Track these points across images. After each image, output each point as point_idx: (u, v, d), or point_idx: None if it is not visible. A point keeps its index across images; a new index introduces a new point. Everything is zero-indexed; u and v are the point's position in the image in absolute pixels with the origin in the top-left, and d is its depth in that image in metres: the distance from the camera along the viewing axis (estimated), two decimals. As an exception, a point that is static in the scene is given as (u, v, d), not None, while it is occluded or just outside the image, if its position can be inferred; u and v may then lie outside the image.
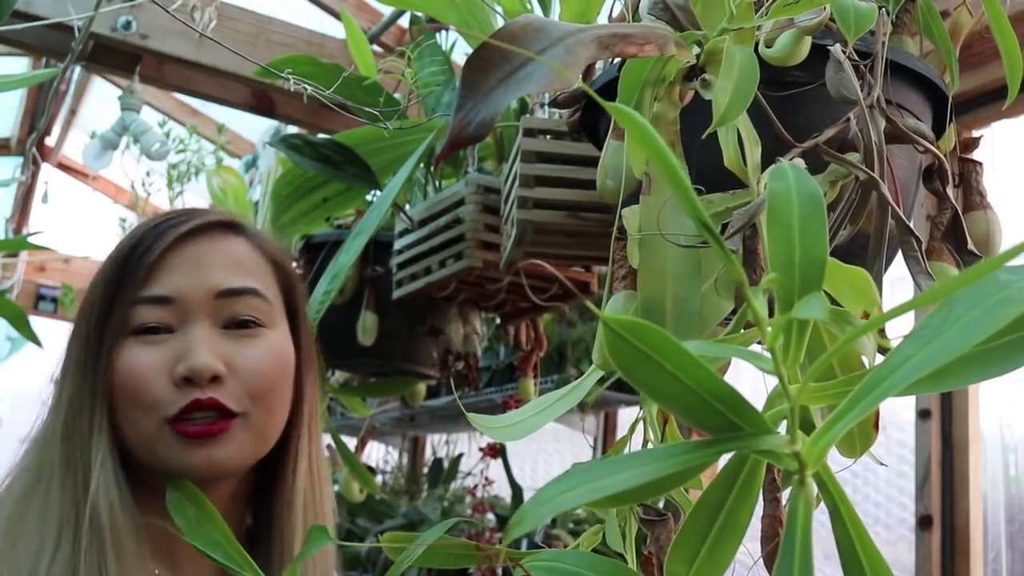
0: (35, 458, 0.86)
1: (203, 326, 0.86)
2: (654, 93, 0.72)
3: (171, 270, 0.87)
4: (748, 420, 0.38)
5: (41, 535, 0.80)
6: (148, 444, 0.84)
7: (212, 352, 0.85)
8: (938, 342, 0.34)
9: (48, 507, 0.81)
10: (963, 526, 1.88)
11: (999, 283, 0.35)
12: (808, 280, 0.40)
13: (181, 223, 0.89)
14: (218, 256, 0.90)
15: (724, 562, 0.46)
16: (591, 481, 0.34)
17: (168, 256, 0.88)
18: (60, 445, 0.84)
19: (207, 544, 0.77)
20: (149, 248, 0.87)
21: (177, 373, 0.84)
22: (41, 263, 5.53)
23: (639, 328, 0.34)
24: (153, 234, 0.88)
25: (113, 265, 0.88)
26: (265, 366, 0.87)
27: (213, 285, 0.87)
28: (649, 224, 0.66)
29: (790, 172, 0.44)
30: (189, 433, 0.83)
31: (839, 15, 0.67)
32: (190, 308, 0.86)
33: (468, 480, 3.47)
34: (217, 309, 0.87)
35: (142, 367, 0.84)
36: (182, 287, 0.87)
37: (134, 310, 0.86)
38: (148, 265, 0.86)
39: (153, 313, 0.86)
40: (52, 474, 0.83)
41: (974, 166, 0.92)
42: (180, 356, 0.84)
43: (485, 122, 0.49)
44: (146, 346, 0.85)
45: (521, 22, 0.54)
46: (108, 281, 0.87)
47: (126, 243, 0.89)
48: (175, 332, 0.86)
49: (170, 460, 0.84)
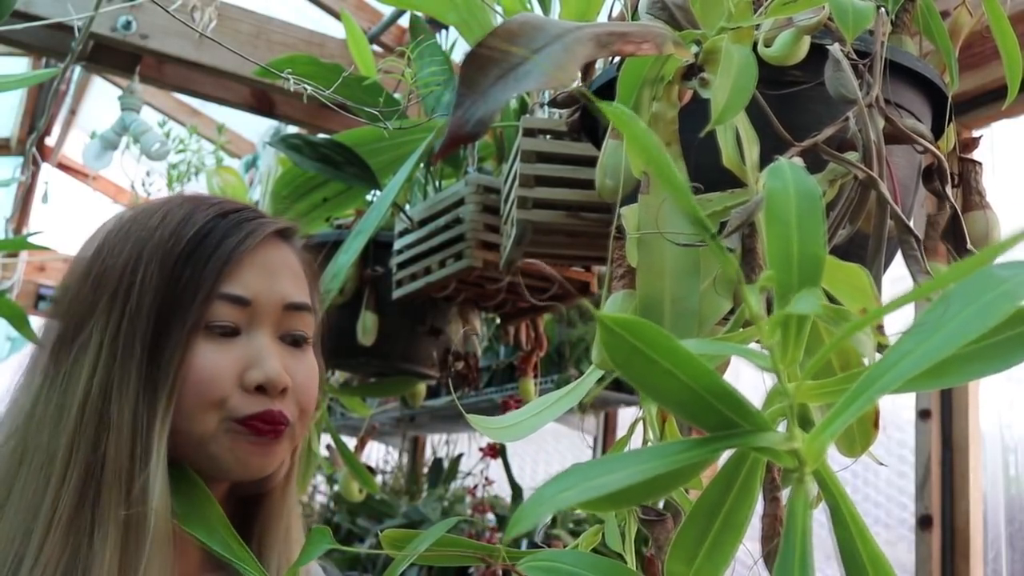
0: (35, 450, 0.80)
1: (268, 335, 0.85)
2: (653, 92, 0.72)
3: (248, 271, 0.85)
4: (746, 417, 0.38)
5: (20, 530, 0.76)
6: (203, 441, 0.82)
7: (282, 364, 0.85)
8: (936, 338, 0.34)
9: (56, 506, 0.77)
10: (963, 526, 1.87)
11: (997, 278, 0.35)
12: (806, 277, 0.40)
13: (254, 220, 0.87)
14: (284, 265, 0.89)
15: (724, 562, 0.46)
16: (589, 480, 0.34)
17: (246, 256, 0.85)
18: (79, 434, 0.79)
19: (205, 534, 0.77)
20: (226, 240, 0.84)
21: (251, 379, 0.82)
22: (41, 263, 5.52)
23: (635, 326, 0.34)
24: (224, 225, 0.85)
25: (177, 246, 0.84)
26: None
27: (284, 296, 0.87)
28: (647, 223, 0.66)
29: (788, 170, 0.44)
30: (259, 431, 0.82)
31: (837, 14, 0.67)
32: (261, 314, 0.85)
33: (468, 480, 3.47)
34: (280, 320, 0.87)
35: (214, 365, 0.82)
36: (259, 291, 0.85)
37: (213, 305, 0.83)
38: (232, 260, 0.84)
39: (230, 312, 0.84)
40: (65, 467, 0.78)
41: (973, 166, 0.92)
42: (251, 362, 0.83)
43: (483, 120, 0.49)
44: (216, 344, 0.83)
45: (519, 20, 0.54)
46: (171, 265, 0.83)
47: (187, 225, 0.85)
48: (241, 335, 0.84)
49: (225, 455, 0.82)
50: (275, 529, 0.90)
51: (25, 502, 0.78)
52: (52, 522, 0.76)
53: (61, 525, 0.76)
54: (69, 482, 0.78)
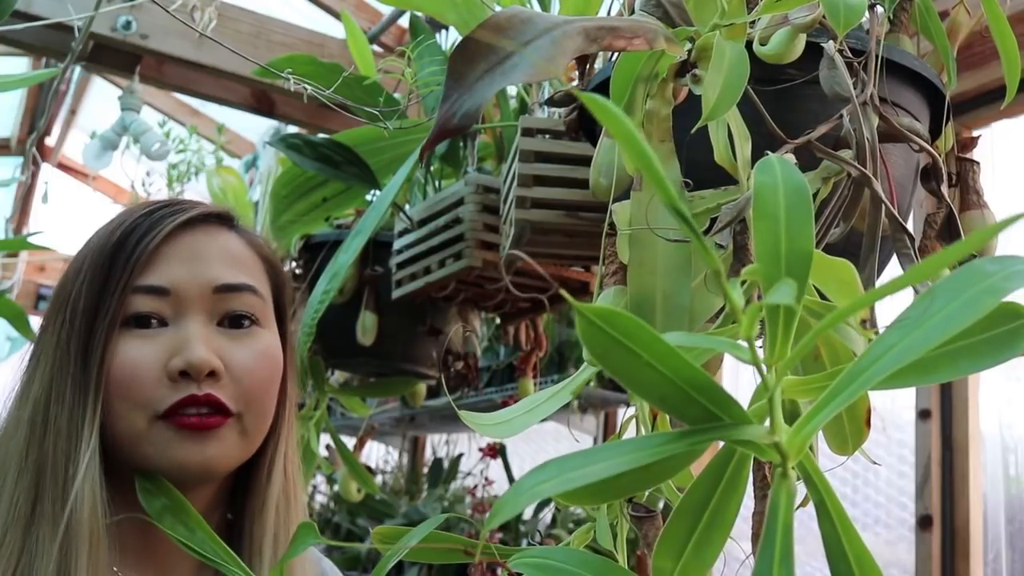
0: (1, 455, 0.82)
1: (198, 321, 0.83)
2: (647, 90, 0.72)
3: (168, 260, 0.84)
4: (728, 411, 0.38)
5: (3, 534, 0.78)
6: (135, 441, 0.81)
7: (209, 347, 0.82)
8: (920, 331, 0.34)
9: (13, 507, 0.78)
10: (963, 526, 1.87)
11: (982, 272, 0.34)
12: (793, 272, 0.39)
13: (178, 212, 0.86)
14: (215, 250, 0.87)
15: (711, 558, 0.46)
16: (567, 472, 0.34)
17: (165, 246, 0.84)
18: (31, 440, 0.81)
19: (183, 536, 0.76)
20: (144, 236, 0.84)
21: (173, 367, 0.80)
22: (41, 263, 5.53)
23: (615, 317, 0.34)
24: (147, 222, 0.85)
25: (103, 251, 0.84)
26: (259, 366, 0.85)
27: (211, 279, 0.85)
28: (639, 220, 0.66)
29: (777, 165, 0.44)
30: (184, 425, 0.80)
31: (828, 10, 0.67)
32: (186, 301, 0.83)
33: (468, 480, 3.46)
34: (213, 304, 0.85)
35: (136, 360, 0.81)
36: (179, 279, 0.84)
37: (128, 299, 0.82)
38: (145, 253, 0.83)
39: (148, 303, 0.83)
40: (18, 471, 0.80)
41: (971, 165, 0.92)
42: (175, 350, 0.81)
43: (470, 113, 0.49)
44: (139, 339, 0.82)
45: (507, 13, 0.53)
46: (99, 267, 0.83)
47: (116, 229, 0.85)
48: (168, 325, 0.83)
49: (159, 457, 0.81)
50: (262, 526, 0.88)
51: None
52: (9, 522, 0.78)
53: (19, 525, 0.78)
54: (22, 484, 0.80)
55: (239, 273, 0.87)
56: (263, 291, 0.89)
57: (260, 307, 0.88)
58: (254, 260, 0.90)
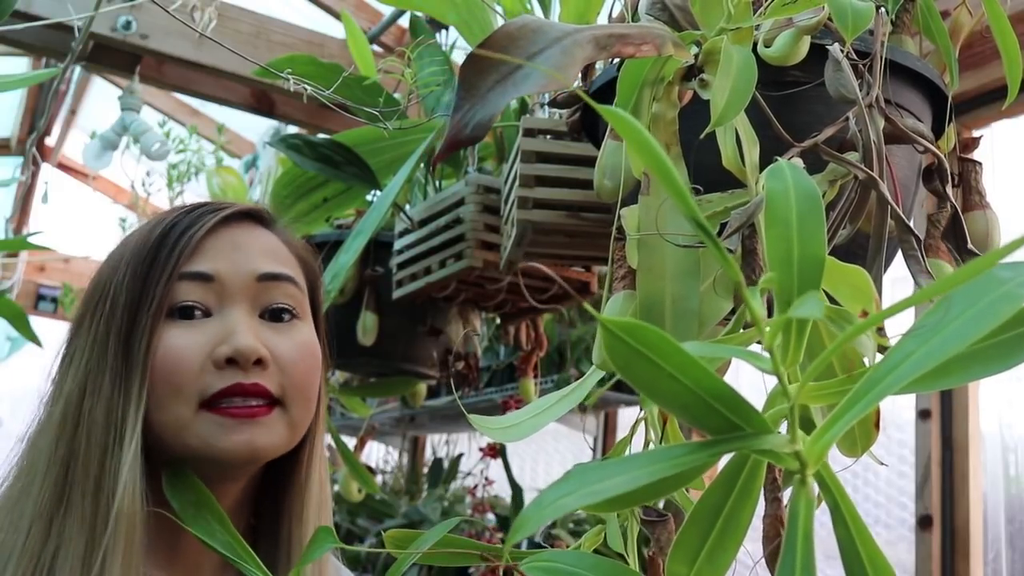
0: (31, 454, 0.82)
1: (242, 310, 0.84)
2: (653, 93, 0.72)
3: (212, 251, 0.85)
4: (748, 420, 0.38)
5: (11, 526, 0.78)
6: (178, 431, 0.80)
7: (256, 335, 0.83)
8: (937, 339, 0.34)
9: (43, 499, 0.78)
10: (963, 526, 1.88)
11: (998, 280, 0.35)
12: (806, 279, 0.40)
13: (218, 210, 0.88)
14: (255, 243, 0.88)
15: (725, 563, 0.46)
16: (591, 484, 0.34)
17: (208, 238, 0.86)
18: (60, 435, 0.80)
19: (205, 532, 0.76)
20: (188, 228, 0.85)
21: (219, 354, 0.80)
22: (41, 263, 5.53)
23: (637, 329, 0.34)
24: (187, 219, 0.86)
25: (146, 245, 0.85)
26: (302, 358, 0.86)
27: (254, 268, 0.86)
28: (648, 224, 0.66)
29: (788, 171, 0.44)
30: (231, 415, 0.80)
31: (836, 14, 0.67)
32: (230, 290, 0.84)
33: (468, 480, 3.47)
34: (256, 293, 0.85)
35: (181, 348, 0.81)
36: (224, 267, 0.85)
37: (174, 287, 0.82)
38: (192, 243, 0.84)
39: (194, 291, 0.83)
40: (47, 465, 0.80)
41: (974, 166, 0.92)
42: (222, 338, 0.81)
43: (482, 123, 0.49)
44: (184, 328, 0.82)
45: (518, 23, 0.54)
46: (141, 259, 0.84)
47: (157, 227, 0.86)
48: (213, 315, 0.83)
49: (204, 447, 0.80)
50: (303, 526, 0.88)
51: (15, 500, 0.81)
52: (35, 516, 0.78)
53: (43, 518, 0.78)
54: (49, 477, 0.79)
55: (279, 265, 0.88)
56: (301, 283, 0.90)
57: (300, 299, 0.89)
58: (290, 256, 0.91)
